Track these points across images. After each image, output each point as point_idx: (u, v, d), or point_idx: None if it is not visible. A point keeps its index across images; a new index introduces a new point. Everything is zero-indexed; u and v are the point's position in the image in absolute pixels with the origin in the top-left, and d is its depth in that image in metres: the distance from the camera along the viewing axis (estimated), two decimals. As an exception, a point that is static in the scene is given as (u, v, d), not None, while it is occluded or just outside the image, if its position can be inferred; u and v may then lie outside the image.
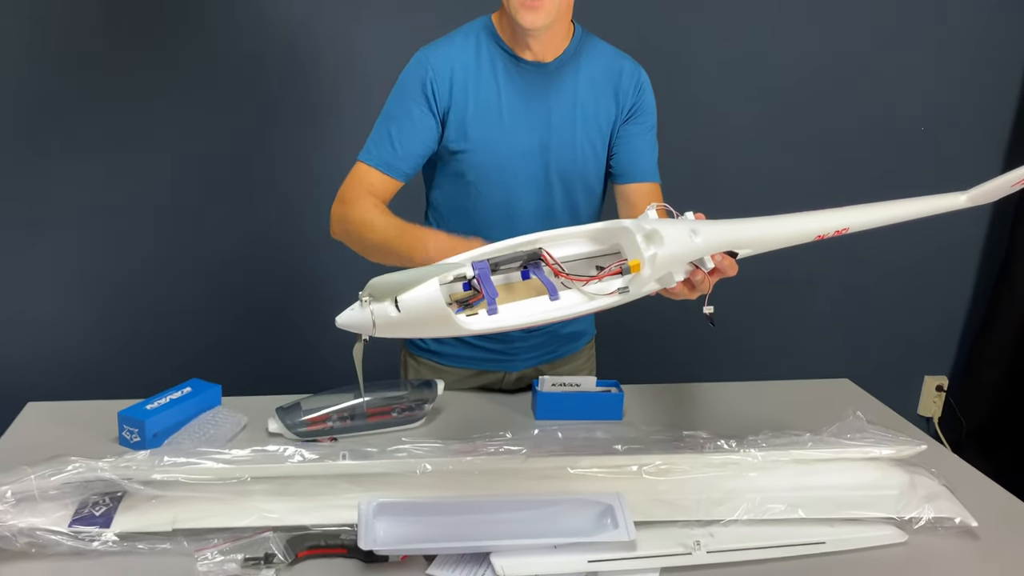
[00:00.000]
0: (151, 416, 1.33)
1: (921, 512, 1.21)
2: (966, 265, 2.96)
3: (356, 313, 0.98)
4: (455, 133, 1.42)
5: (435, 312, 0.97)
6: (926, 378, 3.06)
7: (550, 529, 1.13)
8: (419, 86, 1.40)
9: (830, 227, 1.19)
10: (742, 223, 1.15)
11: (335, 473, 1.14)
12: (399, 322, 0.97)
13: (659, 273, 1.06)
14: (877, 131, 2.70)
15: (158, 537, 1.08)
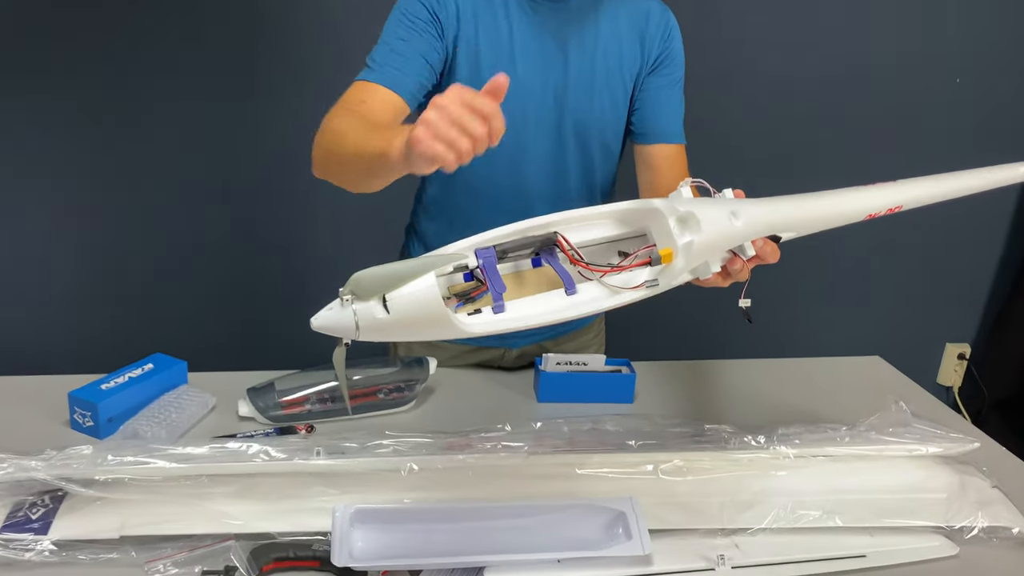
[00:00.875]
0: (105, 398, 1.18)
1: (973, 520, 1.07)
2: (995, 229, 2.79)
3: (335, 313, 0.82)
4: (462, 69, 1.23)
5: (431, 313, 0.82)
6: (947, 345, 2.92)
7: (553, 540, 0.98)
8: (422, 8, 1.20)
9: (883, 204, 1.03)
10: (787, 202, 0.99)
11: (307, 472, 1.00)
12: (387, 324, 0.81)
13: (694, 263, 0.91)
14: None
15: (103, 546, 0.94)
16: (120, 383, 1.22)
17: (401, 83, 1.18)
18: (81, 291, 2.28)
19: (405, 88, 1.18)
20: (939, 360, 2.95)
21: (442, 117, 0.82)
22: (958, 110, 2.57)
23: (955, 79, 2.55)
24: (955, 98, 2.56)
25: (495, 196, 1.31)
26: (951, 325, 2.91)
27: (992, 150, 1.30)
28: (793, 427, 1.16)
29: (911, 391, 1.52)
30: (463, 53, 1.23)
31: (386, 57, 1.19)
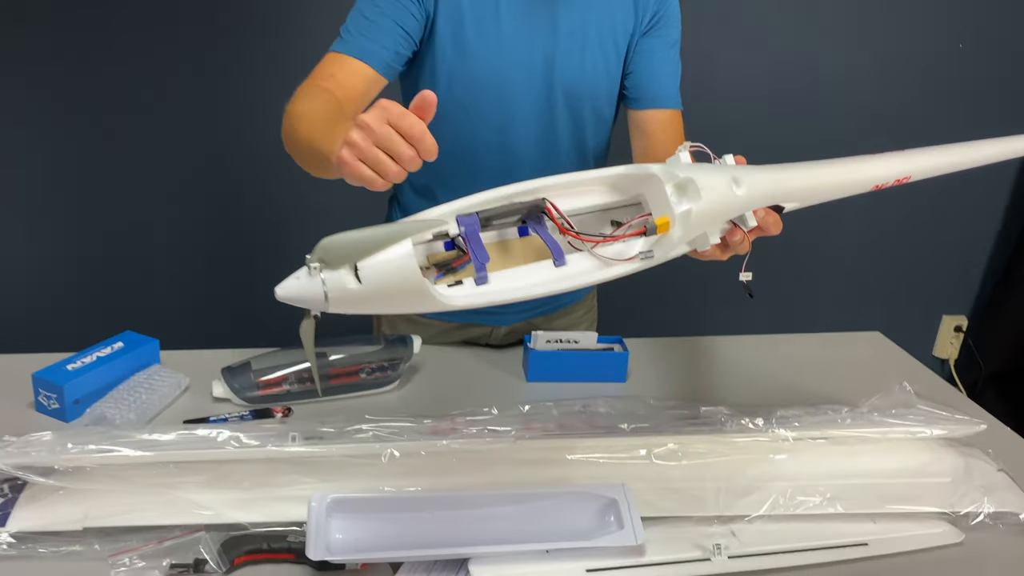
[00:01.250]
0: (71, 379, 1.12)
1: (979, 506, 1.02)
2: (993, 200, 2.74)
3: (303, 283, 0.76)
4: (443, 36, 1.17)
5: (407, 283, 0.76)
6: (944, 317, 2.88)
7: (541, 530, 0.94)
8: None
9: (892, 174, 0.98)
10: (792, 170, 0.93)
11: (282, 459, 0.94)
12: (359, 296, 0.75)
13: (692, 234, 0.85)
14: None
15: (65, 538, 0.89)
16: (88, 363, 1.16)
17: (373, 54, 1.13)
18: (49, 265, 2.22)
19: (378, 59, 1.13)
20: (935, 332, 2.91)
21: (366, 138, 0.78)
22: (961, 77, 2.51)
23: (958, 44, 2.48)
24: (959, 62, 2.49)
25: (481, 164, 1.24)
26: (948, 297, 2.87)
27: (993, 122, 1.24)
28: (792, 409, 1.11)
29: (913, 368, 1.47)
30: (444, 15, 1.16)
31: (358, 26, 1.13)
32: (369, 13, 1.14)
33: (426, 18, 1.16)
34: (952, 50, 2.48)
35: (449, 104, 1.23)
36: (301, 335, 0.82)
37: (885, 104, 2.50)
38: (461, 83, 1.20)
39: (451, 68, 1.19)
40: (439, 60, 1.19)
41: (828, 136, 2.48)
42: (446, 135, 1.25)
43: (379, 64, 1.14)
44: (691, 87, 1.32)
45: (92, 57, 2.07)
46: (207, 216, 2.26)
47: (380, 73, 1.14)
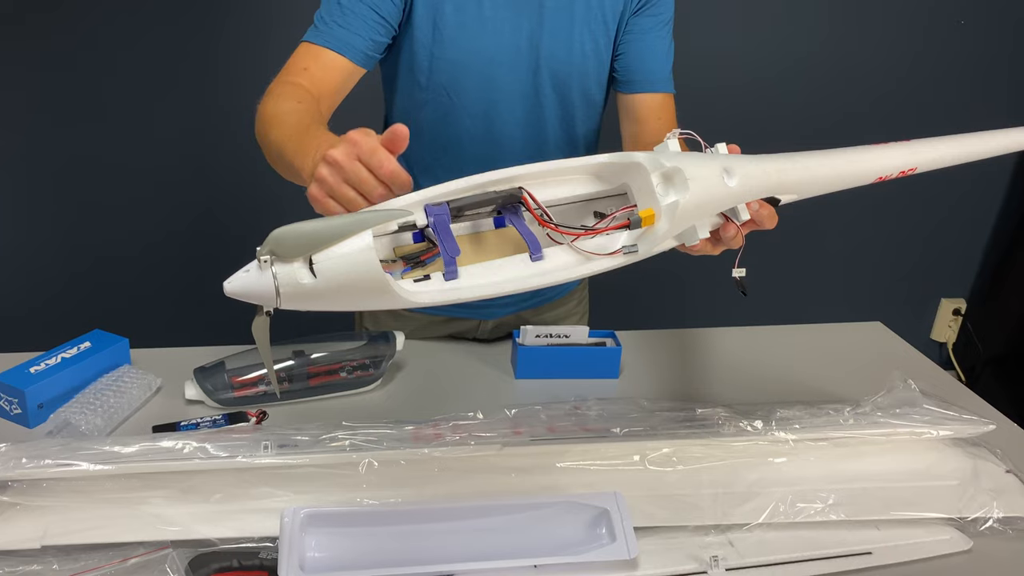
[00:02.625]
0: (34, 383, 1.07)
1: (988, 511, 0.98)
2: (992, 183, 2.69)
3: (253, 276, 0.71)
4: (428, 21, 1.11)
5: (367, 278, 0.70)
6: (942, 300, 2.84)
7: (529, 544, 0.89)
8: None
9: (896, 165, 0.92)
10: (789, 160, 0.87)
11: (248, 468, 0.89)
12: (314, 291, 0.70)
13: (680, 227, 0.79)
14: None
15: (22, 557, 0.84)
16: (52, 364, 1.11)
17: (349, 44, 1.07)
18: (12, 262, 2.16)
19: (354, 50, 1.07)
20: (933, 315, 2.87)
21: (335, 175, 0.74)
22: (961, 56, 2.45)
23: (959, 21, 2.42)
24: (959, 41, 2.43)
25: (464, 152, 1.19)
26: (946, 280, 2.83)
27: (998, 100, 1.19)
28: (792, 409, 1.06)
29: (914, 360, 1.42)
30: (419, 8, 1.09)
31: (332, 14, 1.07)
32: (343, 1, 1.07)
33: (404, 1, 1.10)
34: (953, 27, 2.42)
35: (430, 90, 1.17)
36: (254, 334, 0.77)
37: (885, 85, 2.44)
38: (442, 68, 1.14)
39: (431, 53, 1.13)
40: (418, 45, 1.13)
41: (825, 119, 2.43)
42: (427, 122, 1.19)
43: (356, 55, 1.08)
44: (686, 70, 1.27)
45: (66, 57, 2.01)
46: (180, 210, 2.20)
47: (357, 64, 1.09)
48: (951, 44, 2.42)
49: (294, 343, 1.19)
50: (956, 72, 2.45)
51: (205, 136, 2.15)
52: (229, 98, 2.09)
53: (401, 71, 1.18)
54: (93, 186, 2.14)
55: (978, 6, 2.40)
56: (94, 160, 2.12)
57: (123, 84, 2.06)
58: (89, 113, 2.08)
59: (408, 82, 1.19)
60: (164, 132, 2.13)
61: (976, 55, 2.45)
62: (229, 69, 2.08)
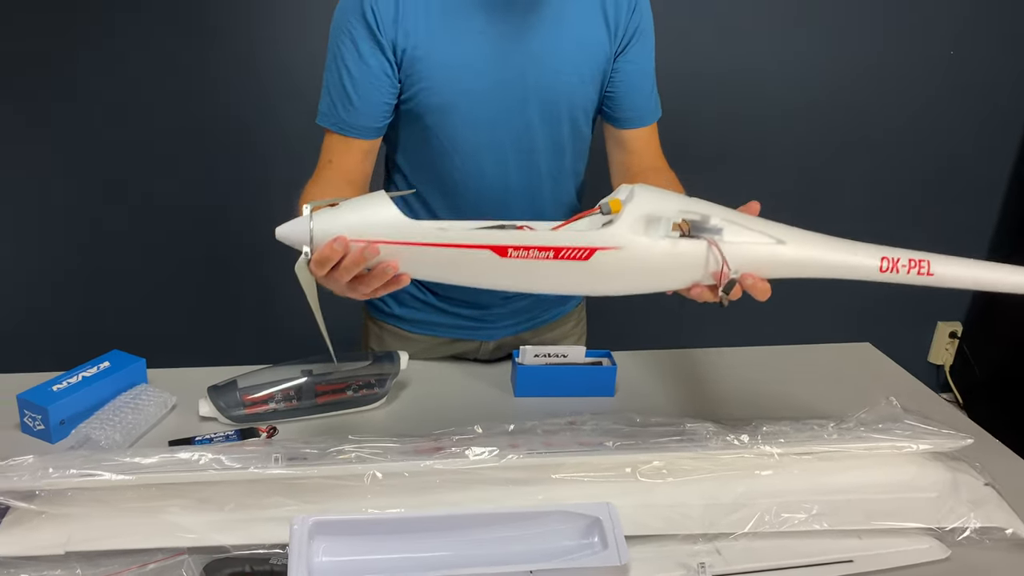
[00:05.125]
0: (56, 400, 1.12)
1: (966, 521, 1.02)
2: (988, 207, 2.74)
3: (296, 224, 0.89)
4: (407, 64, 1.16)
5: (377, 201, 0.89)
6: (939, 324, 2.88)
7: (525, 551, 0.93)
8: (358, 19, 1.14)
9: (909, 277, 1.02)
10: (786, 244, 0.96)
11: (260, 479, 0.94)
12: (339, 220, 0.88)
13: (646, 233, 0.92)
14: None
15: (47, 562, 0.89)
16: (73, 383, 1.16)
17: (362, 127, 1.19)
18: (36, 285, 2.23)
19: (368, 131, 1.19)
20: (930, 338, 2.91)
21: (334, 282, 0.91)
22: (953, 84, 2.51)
23: (949, 51, 2.49)
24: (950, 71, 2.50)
25: (460, 195, 1.25)
26: (942, 303, 2.87)
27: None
28: (778, 424, 1.11)
29: (903, 380, 1.47)
30: (405, 47, 1.15)
31: (340, 98, 1.17)
32: (347, 83, 1.16)
33: (392, 59, 1.17)
34: (943, 55, 2.49)
35: (420, 134, 1.23)
36: (298, 274, 0.90)
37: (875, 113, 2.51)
38: (430, 112, 1.20)
39: (420, 97, 1.19)
40: (407, 89, 1.19)
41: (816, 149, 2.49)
42: (423, 169, 1.25)
43: (370, 133, 1.20)
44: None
45: (80, 67, 2.08)
46: (195, 235, 2.26)
47: (372, 140, 1.20)
48: (939, 74, 2.49)
49: (303, 363, 1.24)
50: (945, 101, 2.51)
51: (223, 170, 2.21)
52: (249, 126, 2.16)
53: (397, 119, 1.24)
54: (114, 215, 2.21)
55: (967, 37, 2.47)
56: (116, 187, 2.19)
57: (142, 102, 2.13)
58: (108, 142, 2.15)
59: (403, 128, 1.25)
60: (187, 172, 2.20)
61: (964, 84, 2.51)
62: (260, 85, 2.16)
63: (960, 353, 2.88)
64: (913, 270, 1.01)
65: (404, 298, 1.38)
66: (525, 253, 0.89)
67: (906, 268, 1.01)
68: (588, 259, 0.90)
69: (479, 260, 0.89)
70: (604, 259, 0.90)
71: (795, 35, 2.38)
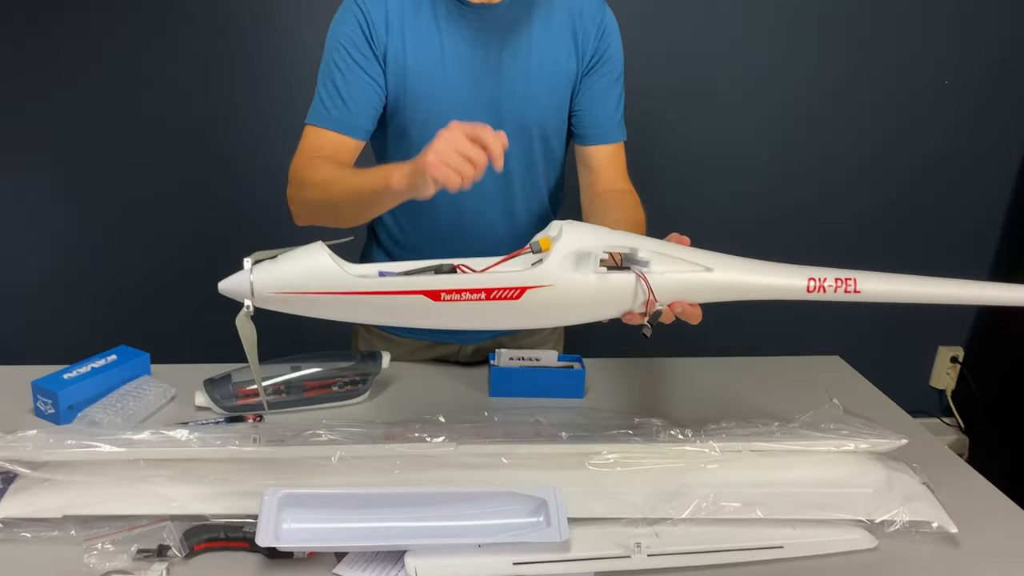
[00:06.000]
0: (66, 387, 1.24)
1: (896, 515, 1.09)
2: (988, 230, 2.78)
3: (238, 278, 0.94)
4: (393, 84, 1.28)
5: (317, 260, 0.95)
6: (940, 348, 2.91)
7: (475, 527, 1.02)
8: (356, 31, 1.26)
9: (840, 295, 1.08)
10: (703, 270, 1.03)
11: (239, 458, 1.04)
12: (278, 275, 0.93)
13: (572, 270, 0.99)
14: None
15: (46, 524, 1.00)
16: (82, 372, 1.28)
17: (351, 125, 1.27)
18: (52, 285, 2.37)
19: (357, 129, 1.28)
20: (932, 363, 2.94)
21: (448, 147, 0.94)
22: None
23: (944, 81, 2.55)
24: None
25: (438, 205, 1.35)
26: (944, 328, 2.90)
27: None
28: (723, 422, 1.18)
29: (867, 391, 1.53)
30: (391, 62, 1.27)
31: (333, 98, 1.27)
32: (339, 83, 1.26)
33: (385, 74, 1.28)
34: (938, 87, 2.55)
35: (405, 148, 1.33)
36: (238, 326, 0.97)
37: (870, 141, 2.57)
38: (414, 127, 1.31)
39: (401, 116, 1.31)
40: (389, 110, 1.31)
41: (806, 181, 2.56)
42: None
43: (358, 132, 1.28)
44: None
45: (94, 62, 2.20)
46: (199, 240, 2.37)
47: (359, 139, 1.29)
48: (936, 105, 2.55)
49: (293, 359, 1.35)
50: (942, 130, 2.57)
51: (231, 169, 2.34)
52: (256, 127, 2.27)
53: (386, 128, 1.35)
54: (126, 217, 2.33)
55: (961, 68, 2.53)
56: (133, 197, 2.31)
57: (148, 98, 2.24)
58: (115, 140, 2.27)
59: (390, 140, 1.36)
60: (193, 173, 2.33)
61: (961, 113, 2.57)
62: (266, 84, 2.26)
63: (962, 378, 2.91)
64: (840, 288, 1.07)
65: (390, 302, 1.48)
66: (457, 296, 0.96)
67: (833, 287, 1.07)
68: (519, 298, 0.96)
69: (414, 305, 0.96)
70: (535, 297, 0.97)
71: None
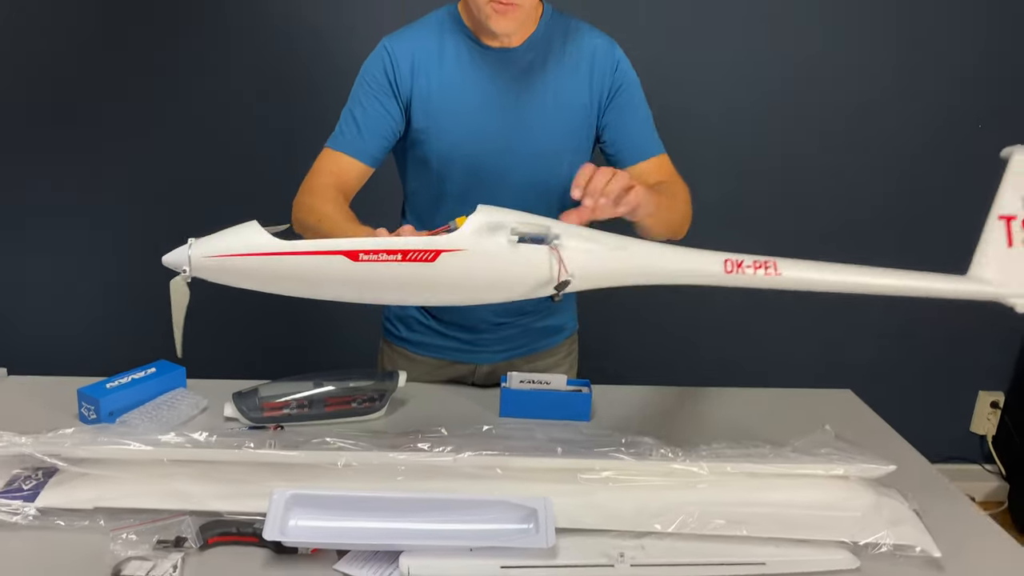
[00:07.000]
0: (108, 394, 1.35)
1: (880, 537, 1.12)
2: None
3: (179, 252, 1.06)
4: (418, 117, 1.40)
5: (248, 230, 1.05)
6: (980, 393, 2.88)
7: (467, 531, 1.09)
8: (381, 73, 1.38)
9: None
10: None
11: (254, 461, 1.13)
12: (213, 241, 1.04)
13: None
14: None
15: (78, 515, 1.10)
16: (123, 383, 1.39)
17: (363, 151, 1.39)
18: (104, 306, 2.51)
19: (367, 154, 1.39)
20: (972, 408, 2.90)
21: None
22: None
23: (977, 125, 2.57)
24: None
25: None
26: (984, 373, 2.87)
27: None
28: (715, 443, 1.23)
29: (877, 427, 1.54)
30: (416, 99, 1.39)
31: (350, 126, 1.39)
32: (358, 113, 1.39)
33: (404, 110, 1.40)
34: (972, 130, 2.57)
35: (426, 175, 1.44)
36: (171, 289, 1.07)
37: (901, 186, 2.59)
38: (434, 156, 1.42)
39: (425, 147, 1.42)
40: (412, 141, 1.42)
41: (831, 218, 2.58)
42: (430, 202, 1.46)
43: (367, 158, 1.40)
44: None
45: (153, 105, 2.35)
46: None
47: (368, 164, 1.40)
48: (968, 146, 2.56)
49: (317, 375, 1.44)
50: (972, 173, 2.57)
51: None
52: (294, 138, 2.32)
53: (407, 159, 1.47)
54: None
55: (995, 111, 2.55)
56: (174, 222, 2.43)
57: (192, 120, 2.36)
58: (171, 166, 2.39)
59: (412, 167, 1.48)
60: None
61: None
62: (297, 101, 2.36)
63: (1002, 423, 2.86)
64: (760, 270, 1.10)
65: (411, 323, 1.58)
66: (375, 257, 1.03)
67: (751, 268, 1.10)
68: (434, 261, 1.04)
69: (333, 266, 1.03)
70: (449, 260, 1.04)
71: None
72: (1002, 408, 2.85)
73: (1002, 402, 2.86)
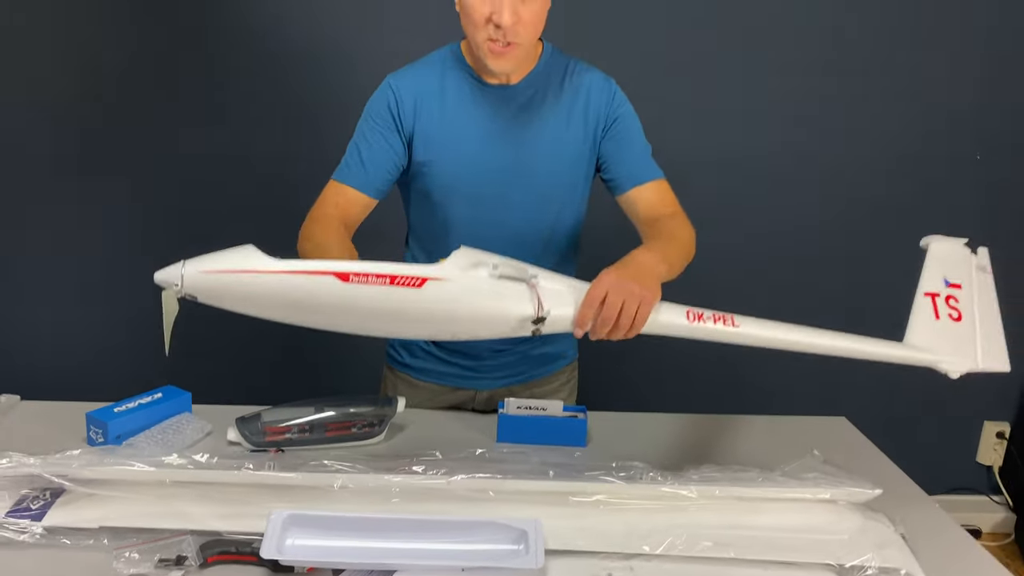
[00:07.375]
0: (115, 418, 1.39)
1: (866, 560, 1.14)
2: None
3: (171, 270, 1.11)
4: (420, 151, 1.45)
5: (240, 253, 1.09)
6: (986, 423, 2.87)
7: (459, 551, 1.11)
8: (385, 109, 1.44)
9: None
10: None
11: (254, 483, 1.17)
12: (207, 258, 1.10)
13: None
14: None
15: (84, 533, 1.13)
16: (131, 407, 1.43)
17: (366, 184, 1.44)
18: (114, 334, 2.54)
19: (370, 187, 1.44)
20: (977, 438, 2.90)
21: None
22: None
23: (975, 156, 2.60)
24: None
25: None
26: (990, 403, 2.87)
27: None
28: (704, 467, 1.26)
29: (870, 454, 1.56)
30: (418, 134, 1.44)
31: (355, 160, 1.45)
32: (362, 147, 1.45)
33: (407, 145, 1.45)
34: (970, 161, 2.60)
35: (428, 207, 1.49)
36: (163, 300, 1.13)
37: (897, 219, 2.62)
38: (436, 189, 1.47)
39: (426, 177, 1.47)
40: (418, 172, 1.47)
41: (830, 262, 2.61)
42: (432, 233, 1.50)
43: (371, 191, 1.45)
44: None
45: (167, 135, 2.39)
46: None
47: (372, 197, 1.46)
48: (967, 176, 2.59)
49: (318, 401, 1.47)
50: (970, 204, 2.60)
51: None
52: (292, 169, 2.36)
53: (410, 190, 1.52)
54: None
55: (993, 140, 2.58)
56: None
57: (204, 148, 2.39)
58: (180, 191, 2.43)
59: (415, 198, 1.53)
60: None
61: (991, 188, 2.60)
62: (312, 128, 2.38)
63: (1008, 454, 2.86)
64: (719, 322, 1.20)
65: (415, 350, 1.62)
66: (364, 279, 1.09)
67: (711, 320, 1.19)
68: (421, 287, 1.11)
69: (324, 287, 1.10)
70: (436, 290, 1.11)
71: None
72: (1008, 439, 2.85)
73: (1008, 432, 2.85)
